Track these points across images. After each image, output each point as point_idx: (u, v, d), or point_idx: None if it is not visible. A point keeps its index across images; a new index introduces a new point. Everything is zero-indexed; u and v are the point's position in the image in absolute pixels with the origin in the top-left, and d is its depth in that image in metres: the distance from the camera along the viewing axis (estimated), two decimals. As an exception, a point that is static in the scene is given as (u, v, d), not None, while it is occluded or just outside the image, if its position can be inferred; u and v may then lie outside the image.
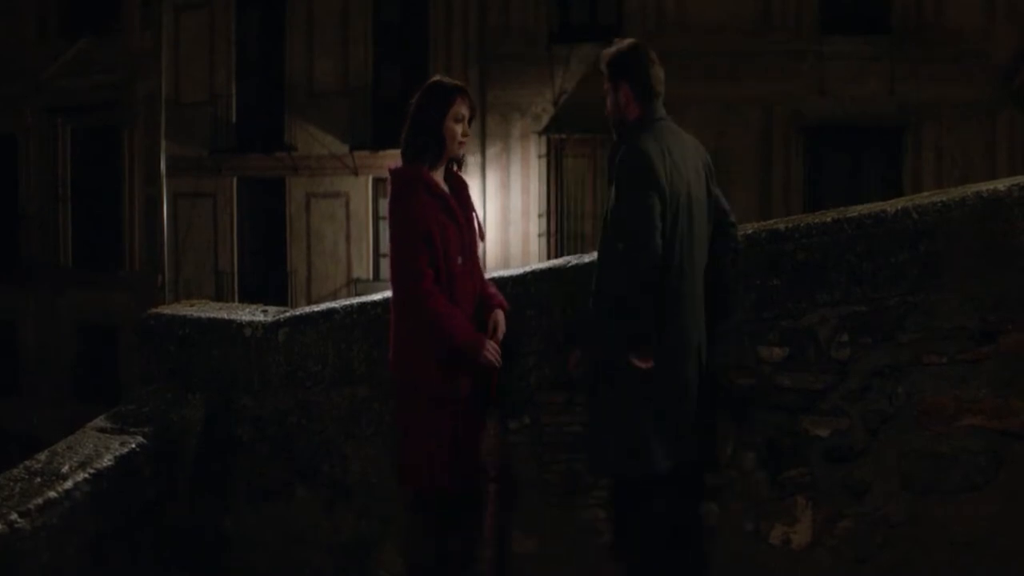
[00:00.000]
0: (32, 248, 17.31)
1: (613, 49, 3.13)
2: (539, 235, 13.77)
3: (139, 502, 3.37)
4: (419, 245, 3.07)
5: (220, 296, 15.19)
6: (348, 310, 3.57)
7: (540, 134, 13.71)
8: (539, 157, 13.78)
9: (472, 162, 13.95)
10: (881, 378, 3.14)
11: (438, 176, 3.20)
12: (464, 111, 3.16)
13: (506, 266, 12.99)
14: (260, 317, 3.75)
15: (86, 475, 3.17)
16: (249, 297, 15.11)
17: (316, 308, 3.70)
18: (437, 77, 3.28)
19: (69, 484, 3.12)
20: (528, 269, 3.46)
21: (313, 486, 3.69)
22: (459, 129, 3.16)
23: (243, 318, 3.75)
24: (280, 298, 14.41)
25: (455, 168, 3.27)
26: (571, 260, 3.43)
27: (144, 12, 16.00)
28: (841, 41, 12.60)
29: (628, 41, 3.15)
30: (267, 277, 15.53)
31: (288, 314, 3.73)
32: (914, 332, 3.11)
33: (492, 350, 3.12)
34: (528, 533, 3.44)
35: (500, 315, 3.23)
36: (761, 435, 3.23)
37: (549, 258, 13.19)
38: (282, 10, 15.16)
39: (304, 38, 15.06)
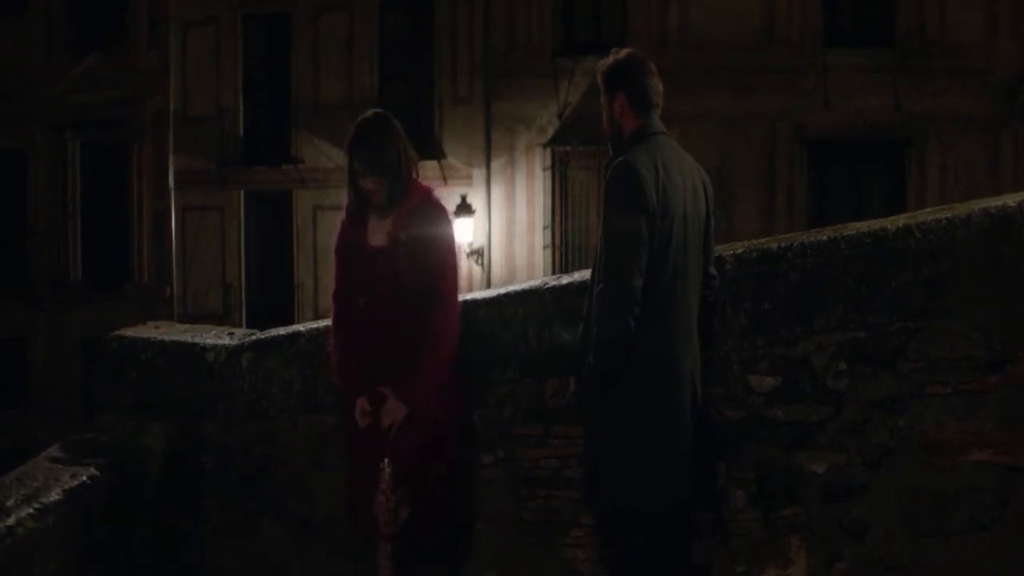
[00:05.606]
0: (41, 264, 17.28)
1: (610, 59, 2.97)
2: (544, 247, 13.64)
3: (90, 539, 3.18)
4: (334, 275, 3.17)
5: (227, 309, 15.15)
6: (314, 334, 3.39)
7: (545, 146, 13.59)
8: (544, 169, 13.66)
9: (477, 175, 13.86)
10: (881, 410, 2.92)
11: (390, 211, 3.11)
12: (356, 165, 3.07)
13: (512, 279, 12.84)
14: (225, 340, 3.57)
15: (31, 510, 2.98)
16: (256, 310, 15.04)
17: (281, 331, 3.51)
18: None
19: (11, 520, 2.93)
20: (502, 291, 3.26)
21: (281, 520, 3.50)
22: (368, 183, 3.07)
23: (207, 342, 3.57)
24: (286, 311, 14.32)
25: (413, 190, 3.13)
26: (549, 281, 3.23)
27: (151, 29, 15.99)
28: (844, 54, 12.48)
29: (625, 51, 2.99)
30: (274, 290, 15.44)
31: (252, 338, 3.54)
32: (916, 360, 2.90)
33: (360, 419, 3.00)
34: (504, 574, 3.23)
35: (398, 411, 2.94)
36: (752, 471, 3.02)
37: (554, 270, 13.03)
38: (288, 26, 15.12)
39: (310, 53, 15.01)
